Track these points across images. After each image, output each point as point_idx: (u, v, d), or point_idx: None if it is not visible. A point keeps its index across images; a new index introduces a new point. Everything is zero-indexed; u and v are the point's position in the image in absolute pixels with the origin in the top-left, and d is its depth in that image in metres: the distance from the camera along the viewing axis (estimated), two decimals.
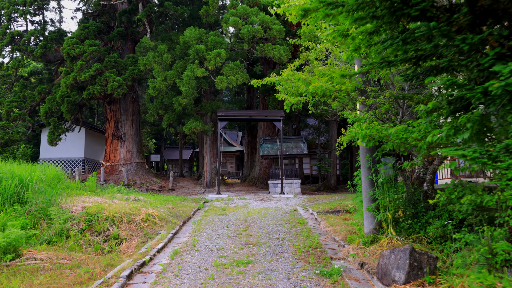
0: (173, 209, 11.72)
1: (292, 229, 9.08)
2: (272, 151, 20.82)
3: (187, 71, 17.99)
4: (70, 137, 29.38)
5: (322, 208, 13.06)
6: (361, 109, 6.72)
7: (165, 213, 10.33)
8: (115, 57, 20.92)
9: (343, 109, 9.77)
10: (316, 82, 5.47)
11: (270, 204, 14.76)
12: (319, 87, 5.41)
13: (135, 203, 11.19)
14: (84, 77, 20.10)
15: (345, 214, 12.17)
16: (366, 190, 6.86)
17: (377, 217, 6.47)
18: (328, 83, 5.49)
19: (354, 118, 5.03)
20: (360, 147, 7.03)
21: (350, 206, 12.76)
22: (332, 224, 9.51)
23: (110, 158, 24.28)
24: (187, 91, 17.90)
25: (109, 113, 24.51)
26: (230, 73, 17.76)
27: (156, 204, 11.59)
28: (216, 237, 8.14)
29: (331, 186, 27.79)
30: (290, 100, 6.38)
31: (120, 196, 12.68)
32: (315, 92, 5.59)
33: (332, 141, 27.68)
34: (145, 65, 19.41)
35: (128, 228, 8.86)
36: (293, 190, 20.15)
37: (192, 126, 19.45)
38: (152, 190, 21.97)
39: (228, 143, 50.39)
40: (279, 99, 9.13)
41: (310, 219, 11.02)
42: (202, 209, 13.19)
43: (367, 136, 4.16)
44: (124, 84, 20.50)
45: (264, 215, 11.52)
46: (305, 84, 5.71)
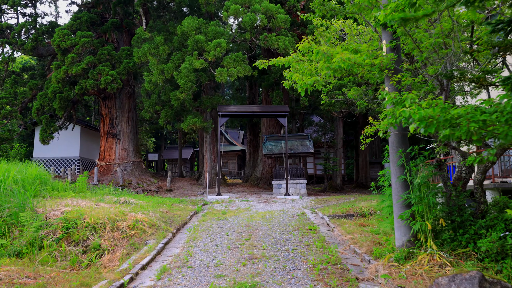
0: (167, 213, 10.45)
1: (303, 238, 7.80)
2: (276, 150, 19.53)
3: (185, 63, 16.73)
4: (65, 136, 28.19)
5: (332, 211, 11.78)
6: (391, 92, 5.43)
7: (157, 219, 9.06)
8: (109, 49, 19.68)
9: (362, 98, 8.48)
10: (341, 54, 4.21)
11: (275, 207, 13.48)
12: (346, 59, 4.15)
13: (123, 207, 9.94)
14: (76, 71, 18.86)
15: (359, 218, 10.89)
16: (397, 193, 5.57)
17: (414, 227, 5.17)
18: (357, 56, 4.24)
19: (395, 99, 3.75)
20: (389, 141, 5.75)
21: (365, 209, 11.47)
22: (349, 232, 8.23)
23: (105, 157, 23.05)
24: (185, 85, 16.63)
25: (104, 110, 23.27)
26: (231, 65, 16.49)
27: (148, 207, 10.32)
28: (214, 249, 6.87)
29: (337, 187, 26.52)
30: (305, 80, 5.10)
31: (109, 199, 11.44)
32: (338, 67, 4.34)
33: (338, 139, 26.40)
34: (140, 58, 18.15)
35: (112, 236, 7.60)
36: (298, 191, 18.87)
37: (190, 122, 18.19)
38: (148, 191, 20.73)
39: (229, 142, 49.13)
40: (288, 87, 7.87)
41: (321, 224, 9.74)
42: (200, 213, 11.92)
43: (427, 118, 2.90)
44: (118, 78, 19.26)
45: (269, 220, 10.25)
46: (326, 58, 4.45)
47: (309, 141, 19.99)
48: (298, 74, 5.15)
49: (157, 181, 22.91)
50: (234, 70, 16.05)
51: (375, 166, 37.09)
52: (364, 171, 31.93)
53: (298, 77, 5.14)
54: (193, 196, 18.21)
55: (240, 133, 54.84)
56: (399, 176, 5.51)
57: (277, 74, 18.77)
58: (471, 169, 5.65)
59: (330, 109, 18.64)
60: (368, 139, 6.29)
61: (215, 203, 14.73)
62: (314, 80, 5.02)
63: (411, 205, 5.43)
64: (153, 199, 13.50)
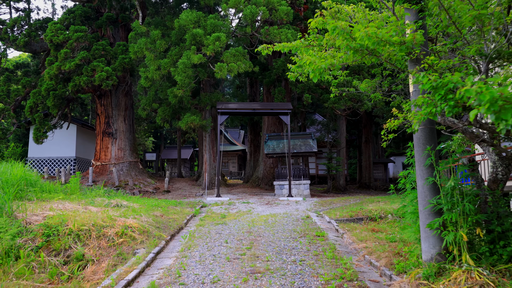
0: (162, 217, 9.65)
1: (310, 246, 6.99)
2: (278, 149, 18.73)
3: (183, 58, 15.93)
4: (61, 136, 27.44)
5: (340, 214, 10.97)
6: None
7: (149, 224, 8.26)
8: (104, 44, 18.88)
9: (375, 91, 7.68)
10: (365, 29, 3.40)
11: (278, 209, 12.68)
12: (372, 35, 3.34)
13: (114, 211, 9.14)
14: (69, 67, 18.06)
15: (369, 223, 10.09)
16: (424, 198, 4.77)
17: (447, 239, 4.37)
18: (384, 31, 3.44)
19: (435, 82, 2.95)
20: (415, 137, 4.94)
21: (374, 213, 10.66)
22: (361, 239, 7.42)
23: (101, 157, 22.25)
24: (182, 81, 15.84)
25: (99, 108, 22.48)
26: (231, 60, 15.69)
27: (141, 211, 9.52)
28: (211, 260, 6.07)
29: (340, 187, 25.73)
30: (319, 64, 4.29)
31: (100, 201, 10.64)
32: (360, 46, 3.55)
33: (341, 138, 25.59)
34: (136, 53, 17.35)
35: (98, 245, 6.80)
36: (301, 192, 18.07)
37: (188, 120, 17.39)
38: (145, 192, 19.94)
39: (229, 142, 48.35)
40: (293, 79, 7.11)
41: (329, 230, 8.93)
42: (198, 217, 11.12)
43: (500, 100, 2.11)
44: (113, 74, 18.46)
45: (272, 225, 9.44)
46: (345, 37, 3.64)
47: (312, 140, 19.18)
48: (310, 57, 4.34)
49: (155, 182, 22.12)
50: (234, 65, 15.25)
51: (378, 166, 36.31)
52: (367, 172, 31.14)
53: (310, 60, 4.33)
54: (191, 198, 17.42)
55: (240, 132, 54.06)
56: (427, 178, 4.70)
57: (279, 70, 17.97)
58: (509, 169, 4.84)
59: (334, 107, 17.84)
60: (391, 135, 5.48)
61: (214, 205, 13.94)
62: (329, 63, 4.21)
63: (442, 212, 4.62)
64: (148, 201, 12.70)
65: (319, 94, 19.01)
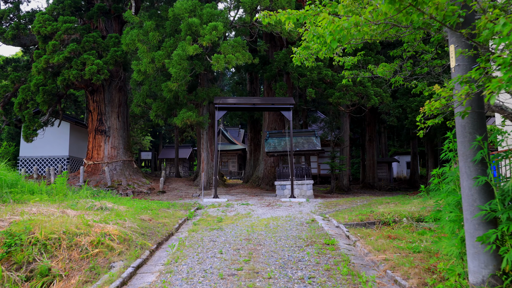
0: (150, 221, 8.58)
1: (320, 258, 5.93)
2: (279, 147, 17.67)
3: (178, 50, 14.88)
4: (53, 134, 26.43)
5: (348, 218, 9.90)
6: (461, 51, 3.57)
7: (134, 230, 7.20)
8: (95, 36, 17.81)
9: (395, 75, 6.60)
10: None
11: (280, 212, 11.62)
12: None
13: (95, 214, 8.09)
14: (58, 60, 17.01)
15: (382, 227, 9.01)
16: (471, 203, 3.70)
17: (507, 257, 3.30)
18: None
19: None
20: (457, 125, 3.88)
21: (387, 216, 9.58)
22: (378, 248, 6.35)
23: (93, 155, 21.20)
24: (177, 73, 14.78)
25: (92, 105, 21.42)
26: (229, 51, 14.62)
27: (127, 215, 8.46)
28: (200, 276, 5.01)
29: (343, 187, 24.66)
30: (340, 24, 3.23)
31: (83, 203, 9.58)
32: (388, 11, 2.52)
33: (345, 136, 24.51)
34: (128, 45, 16.30)
35: (68, 257, 5.74)
36: (304, 193, 17.01)
37: (184, 117, 16.33)
38: (139, 192, 18.89)
39: (229, 141, 47.32)
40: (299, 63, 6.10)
41: (338, 236, 7.87)
42: (192, 220, 10.06)
43: None
44: (105, 68, 17.40)
45: (273, 230, 8.38)
46: None
47: (315, 138, 18.11)
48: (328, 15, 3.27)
49: (150, 182, 21.07)
50: (232, 56, 14.18)
51: (382, 165, 35.24)
52: (371, 171, 30.08)
53: (328, 21, 3.26)
54: (187, 199, 16.37)
55: (240, 131, 53.05)
56: (477, 176, 3.63)
57: (280, 63, 16.90)
58: None
59: (339, 102, 16.77)
60: (430, 121, 4.39)
61: (211, 207, 12.88)
62: (353, 21, 3.14)
63: (497, 222, 3.56)
64: (138, 203, 11.64)
65: (322, 89, 17.94)
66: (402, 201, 13.87)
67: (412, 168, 32.80)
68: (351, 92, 16.59)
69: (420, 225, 8.94)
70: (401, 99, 20.32)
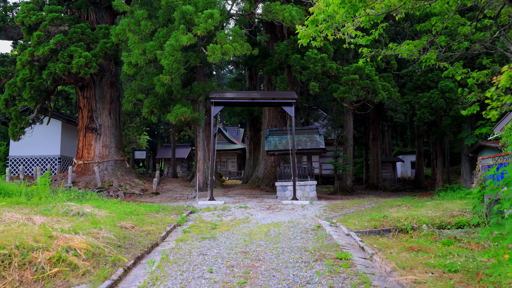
0: (132, 229, 7.44)
1: (333, 279, 4.78)
2: (280, 145, 16.52)
3: (171, 40, 13.75)
4: (45, 132, 25.32)
5: (359, 224, 8.75)
6: None
7: (109, 241, 6.05)
8: (83, 27, 16.66)
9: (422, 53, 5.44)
10: None
11: (281, 217, 10.48)
12: None
13: (68, 221, 6.95)
14: (43, 52, 15.87)
15: (400, 236, 7.87)
16: None
17: None
18: None
19: None
20: None
21: (404, 222, 8.43)
22: (403, 265, 5.20)
23: (83, 155, 20.05)
24: (170, 65, 13.64)
25: (82, 101, 20.27)
26: (226, 42, 13.48)
27: (106, 222, 7.32)
28: None
29: (347, 188, 23.56)
30: None
31: (58, 208, 8.44)
32: None
33: (349, 135, 23.37)
34: (118, 36, 15.16)
35: (19, 278, 4.59)
36: (307, 194, 15.87)
37: (178, 113, 15.18)
38: (131, 194, 17.75)
39: (228, 140, 46.19)
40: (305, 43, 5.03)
41: (351, 247, 6.72)
42: (182, 227, 8.91)
43: None
44: (94, 61, 16.25)
45: (275, 239, 7.24)
46: None
47: (319, 136, 16.96)
48: None
49: (143, 183, 19.92)
50: (229, 46, 13.03)
51: (386, 165, 34.08)
52: (375, 171, 28.98)
53: None
54: (181, 201, 15.23)
55: (240, 130, 51.90)
56: None
57: (281, 55, 15.74)
58: None
59: (344, 97, 15.60)
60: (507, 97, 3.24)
61: (206, 210, 11.73)
62: None
63: None
64: (124, 206, 10.49)
65: (326, 83, 16.78)
66: (414, 204, 12.73)
67: (417, 168, 31.66)
68: (357, 86, 15.43)
69: (442, 232, 7.79)
70: (409, 94, 19.19)
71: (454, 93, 17.10)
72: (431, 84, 18.39)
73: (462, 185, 18.57)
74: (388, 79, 17.12)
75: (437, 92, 17.57)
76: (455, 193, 17.48)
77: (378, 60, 16.87)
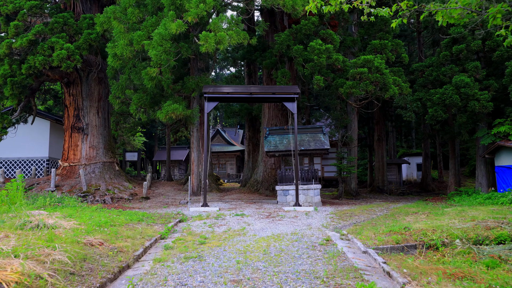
0: (100, 246, 6.01)
1: None
2: (281, 146, 15.10)
3: (160, 28, 12.37)
4: (32, 133, 23.94)
5: (376, 237, 7.32)
6: None
7: (60, 266, 4.62)
8: (65, 17, 15.27)
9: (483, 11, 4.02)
10: None
11: (283, 227, 9.04)
12: None
13: (16, 238, 5.53)
14: (21, 43, 14.48)
15: (428, 253, 6.43)
16: None
17: None
18: None
19: None
20: None
21: (432, 236, 6.97)
22: None
23: (69, 156, 18.63)
24: (158, 57, 12.25)
25: (68, 98, 18.87)
26: (220, 29, 12.08)
27: (66, 237, 5.91)
28: None
29: (351, 192, 22.12)
30: None
31: (15, 219, 7.01)
32: None
33: (353, 135, 21.93)
34: (103, 25, 13.78)
35: None
36: (310, 199, 14.44)
37: (169, 110, 13.78)
38: (119, 199, 16.32)
39: (227, 142, 44.82)
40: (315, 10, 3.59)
41: (372, 270, 5.29)
42: (166, 241, 7.48)
43: None
44: (77, 53, 14.86)
45: (276, 260, 5.82)
46: None
47: (323, 135, 15.54)
48: None
49: (133, 186, 18.48)
50: (223, 34, 11.64)
51: (391, 167, 32.59)
52: (380, 174, 27.55)
53: None
54: (173, 207, 13.80)
55: (239, 132, 50.54)
56: None
57: (282, 46, 14.32)
58: None
59: (352, 92, 14.19)
60: None
61: (197, 219, 10.29)
62: None
63: None
64: (101, 215, 9.05)
65: (331, 79, 15.38)
66: (433, 211, 11.29)
67: (424, 171, 30.23)
68: (365, 80, 14.03)
69: (481, 250, 6.36)
70: (420, 91, 17.78)
71: (470, 88, 15.70)
72: (444, 79, 16.99)
73: (478, 189, 17.13)
74: (398, 74, 15.72)
75: (451, 87, 16.17)
76: (471, 197, 16.05)
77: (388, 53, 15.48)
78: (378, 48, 15.19)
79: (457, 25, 16.87)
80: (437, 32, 26.52)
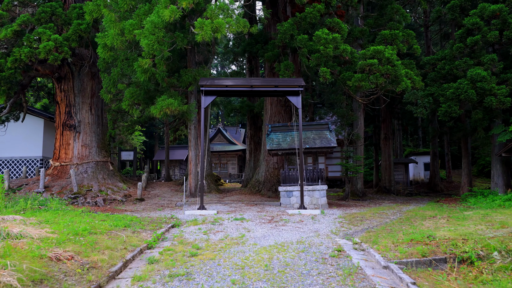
0: (69, 261, 5.00)
1: None
2: (285, 144, 14.07)
3: (152, 16, 11.36)
4: (25, 132, 23.02)
5: (395, 248, 6.29)
6: None
7: None
8: (53, 6, 14.29)
9: None
10: None
11: (287, 234, 8.01)
12: None
13: None
14: (5, 34, 13.52)
15: (461, 268, 5.39)
16: None
17: None
18: None
19: None
20: None
21: (465, 248, 5.91)
22: None
23: (60, 155, 17.66)
24: (150, 47, 11.24)
25: (59, 94, 17.90)
26: (218, 16, 11.05)
27: (27, 252, 4.91)
28: None
29: (358, 192, 21.06)
30: None
31: None
32: None
33: (360, 133, 20.85)
34: (92, 13, 12.78)
35: None
36: (316, 201, 13.40)
37: (164, 105, 12.76)
38: (112, 201, 15.34)
39: (228, 141, 43.81)
40: None
41: None
42: (152, 252, 6.46)
43: None
44: (66, 45, 13.88)
45: (280, 278, 4.79)
46: None
47: (329, 132, 14.50)
48: None
49: (128, 187, 17.49)
50: (221, 21, 10.60)
51: (398, 167, 31.47)
52: (387, 173, 26.41)
53: None
54: (168, 209, 12.79)
55: (241, 131, 49.53)
56: None
57: (285, 37, 13.25)
58: None
59: (361, 86, 13.12)
60: None
61: (191, 224, 9.27)
62: None
63: None
64: (81, 220, 8.03)
65: (337, 72, 14.32)
66: (453, 215, 10.21)
67: (432, 170, 29.11)
68: (376, 73, 12.96)
69: None
70: (431, 86, 16.68)
71: (487, 82, 14.59)
72: (458, 73, 15.88)
73: (495, 190, 16.02)
74: (410, 66, 14.66)
75: (466, 82, 15.05)
76: (487, 199, 14.96)
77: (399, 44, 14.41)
78: (388, 38, 14.12)
79: (472, 15, 15.81)
80: (447, 25, 25.35)
